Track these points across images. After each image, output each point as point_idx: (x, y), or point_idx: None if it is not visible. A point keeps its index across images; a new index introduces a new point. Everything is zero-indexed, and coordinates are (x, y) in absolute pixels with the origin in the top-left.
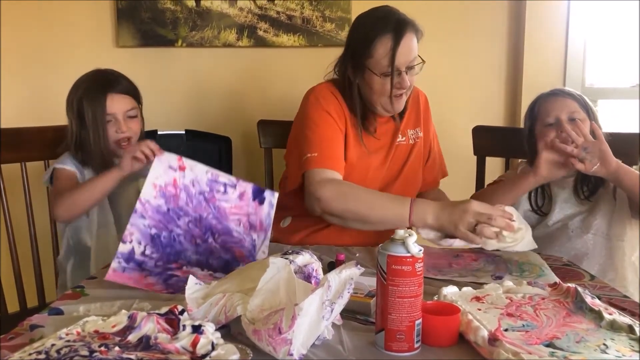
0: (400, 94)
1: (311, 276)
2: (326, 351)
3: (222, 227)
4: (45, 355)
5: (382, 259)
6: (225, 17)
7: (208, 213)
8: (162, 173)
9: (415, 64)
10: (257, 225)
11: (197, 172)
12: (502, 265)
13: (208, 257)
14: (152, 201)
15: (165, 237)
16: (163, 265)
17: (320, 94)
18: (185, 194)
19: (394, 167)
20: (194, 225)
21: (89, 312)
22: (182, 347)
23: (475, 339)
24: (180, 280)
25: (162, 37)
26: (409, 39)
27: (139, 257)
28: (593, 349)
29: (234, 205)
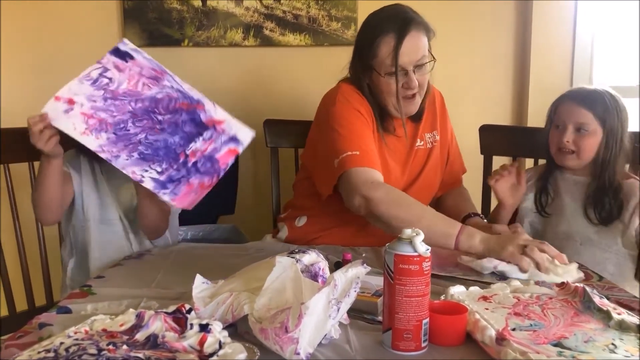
0: (411, 94)
1: (318, 275)
2: (333, 350)
3: (148, 101)
4: (54, 353)
5: (389, 258)
6: (231, 17)
7: (128, 103)
8: (69, 123)
9: (423, 62)
10: (155, 74)
11: (79, 89)
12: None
13: (180, 128)
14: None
15: (144, 149)
16: (177, 164)
17: (347, 92)
18: (102, 112)
19: (412, 172)
20: (139, 121)
21: (96, 311)
22: (189, 345)
23: (482, 338)
24: (203, 163)
25: (168, 37)
26: (415, 37)
27: (162, 177)
28: (601, 349)
29: (127, 80)
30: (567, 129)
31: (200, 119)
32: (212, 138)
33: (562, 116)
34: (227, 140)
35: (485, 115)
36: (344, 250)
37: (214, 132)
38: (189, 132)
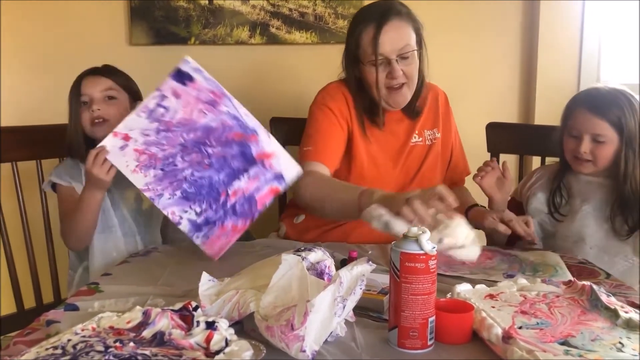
0: (396, 85)
1: (324, 273)
2: (339, 348)
3: (200, 130)
4: (62, 350)
5: (395, 256)
6: (237, 15)
7: (180, 134)
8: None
9: (407, 52)
10: (212, 98)
11: (135, 126)
12: (516, 265)
13: (227, 163)
14: (148, 181)
15: (188, 187)
16: (217, 204)
17: (326, 91)
18: (155, 147)
19: (410, 168)
20: (187, 154)
21: (103, 308)
22: (196, 343)
23: (489, 336)
24: (241, 204)
25: (175, 35)
26: (395, 26)
27: (199, 219)
28: (609, 348)
29: (182, 107)
30: (583, 139)
31: (250, 153)
32: (258, 176)
33: (578, 125)
34: (272, 178)
35: (492, 113)
36: (350, 248)
37: (261, 168)
38: (236, 169)
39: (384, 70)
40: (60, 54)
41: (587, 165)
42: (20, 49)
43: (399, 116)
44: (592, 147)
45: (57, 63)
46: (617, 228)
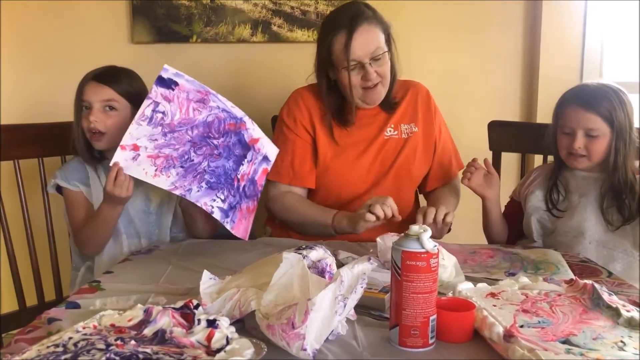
0: (372, 85)
1: (325, 271)
2: (340, 346)
3: (201, 126)
4: (63, 348)
5: (396, 255)
6: (239, 13)
7: (185, 132)
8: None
9: (379, 54)
10: (201, 97)
11: (139, 132)
12: (518, 263)
13: (232, 151)
14: (173, 180)
15: (210, 177)
16: (234, 189)
17: (290, 101)
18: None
19: (386, 160)
20: (199, 149)
21: (105, 306)
22: (197, 341)
23: (490, 335)
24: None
25: (177, 33)
26: (365, 31)
27: (225, 205)
28: (610, 346)
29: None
30: (577, 134)
31: (245, 140)
32: (253, 159)
33: (570, 122)
34: (262, 159)
35: (495, 112)
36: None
37: (254, 152)
38: (239, 155)
39: (358, 73)
40: (62, 52)
41: (581, 161)
42: (22, 46)
43: (374, 110)
44: (586, 142)
45: (59, 61)
46: (610, 219)
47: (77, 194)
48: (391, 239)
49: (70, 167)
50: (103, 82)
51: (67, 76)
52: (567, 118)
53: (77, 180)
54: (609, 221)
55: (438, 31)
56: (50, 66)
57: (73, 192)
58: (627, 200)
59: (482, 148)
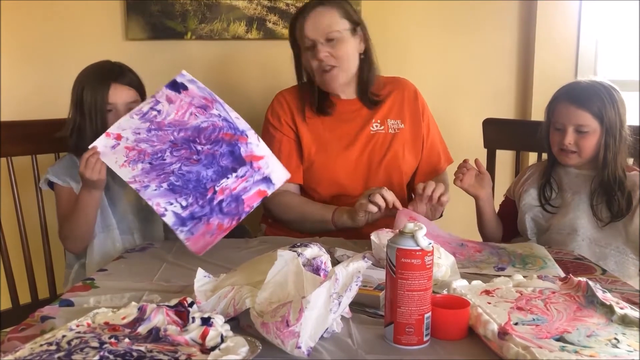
0: (327, 68)
1: (320, 269)
2: (335, 344)
3: (191, 130)
4: (56, 346)
5: (391, 252)
6: (234, 10)
7: (171, 133)
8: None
9: (331, 33)
10: (204, 103)
11: (127, 126)
12: (505, 258)
13: (217, 162)
14: (135, 172)
15: (175, 180)
16: (204, 201)
17: (274, 101)
18: (144, 143)
19: (374, 154)
20: (177, 150)
21: (99, 304)
22: (191, 339)
23: (484, 332)
24: (228, 202)
25: (171, 30)
26: (319, 12)
27: (185, 212)
28: (604, 344)
29: (175, 111)
30: (567, 131)
31: (239, 153)
32: (246, 176)
33: (561, 118)
34: (260, 180)
35: (489, 109)
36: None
37: (249, 169)
38: (224, 166)
39: (313, 54)
40: (56, 49)
41: (572, 157)
42: (16, 43)
43: (356, 105)
44: (576, 138)
45: (53, 58)
46: (600, 215)
47: (65, 189)
48: (386, 236)
49: (62, 164)
50: (125, 83)
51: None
52: (559, 114)
53: (67, 176)
54: (598, 217)
55: (434, 30)
56: (44, 63)
57: (62, 188)
58: (616, 197)
59: (476, 146)
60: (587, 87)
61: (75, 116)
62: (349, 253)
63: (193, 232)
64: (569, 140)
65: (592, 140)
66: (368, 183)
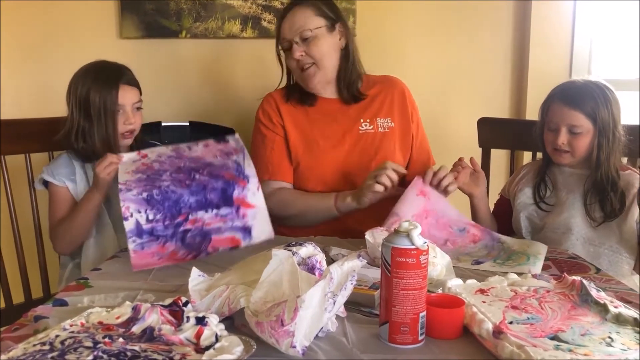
0: (305, 66)
1: (315, 268)
2: (330, 343)
3: (201, 163)
4: (50, 346)
5: (386, 251)
6: (229, 8)
7: (184, 162)
8: (128, 166)
9: (306, 33)
10: (231, 151)
11: (157, 150)
12: (494, 252)
13: (204, 193)
14: (130, 178)
15: (157, 193)
16: (171, 223)
17: (263, 102)
18: (157, 163)
19: (365, 153)
20: (177, 173)
21: (93, 304)
22: (186, 338)
23: (479, 331)
24: (194, 235)
25: (166, 29)
26: (295, 12)
27: (147, 225)
28: (598, 342)
29: (202, 151)
30: (560, 131)
31: (231, 194)
32: (226, 217)
33: (554, 118)
34: (239, 227)
35: (484, 109)
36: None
37: (233, 212)
38: (209, 200)
39: (291, 53)
40: (49, 47)
41: (565, 156)
42: (9, 42)
43: (340, 105)
44: (570, 139)
45: (47, 56)
46: (593, 215)
47: (61, 189)
48: (380, 235)
49: (57, 163)
50: (131, 83)
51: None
52: (552, 114)
53: (63, 175)
54: (591, 217)
55: (429, 30)
56: (38, 61)
57: (57, 187)
58: (609, 197)
59: (471, 145)
60: (580, 87)
61: (78, 119)
62: (343, 252)
63: (143, 247)
64: (562, 140)
65: (585, 141)
66: (357, 183)
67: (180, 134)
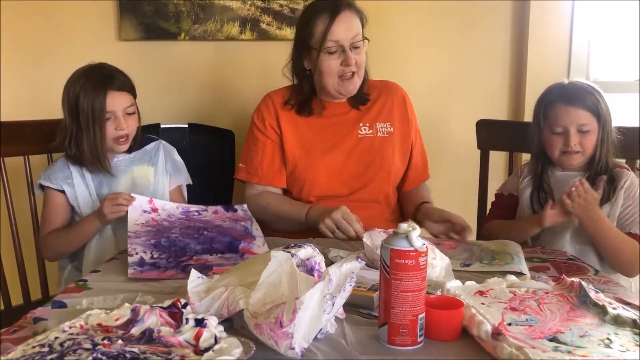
0: (349, 73)
1: (314, 269)
2: (329, 345)
3: (210, 224)
4: (49, 348)
5: (385, 253)
6: (228, 10)
7: (193, 223)
8: (138, 217)
9: (357, 41)
10: (239, 219)
11: (168, 209)
12: (477, 254)
13: (211, 243)
14: (140, 229)
15: (165, 241)
16: (175, 261)
17: (261, 103)
18: (167, 222)
19: (361, 160)
20: (186, 228)
21: (92, 306)
22: (185, 340)
23: (478, 333)
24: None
25: (164, 31)
26: (347, 16)
27: (150, 260)
28: (597, 344)
29: (211, 217)
30: (570, 132)
31: (237, 245)
32: (230, 259)
33: (561, 121)
34: None
35: (483, 110)
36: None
37: (237, 256)
38: (214, 248)
39: (338, 58)
40: (48, 49)
41: (576, 157)
42: (8, 43)
43: (344, 108)
44: (580, 139)
45: (45, 58)
46: None
47: (58, 195)
48: (378, 237)
49: (54, 167)
50: (120, 88)
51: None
52: (558, 117)
53: (60, 179)
54: None
55: (427, 31)
56: (36, 63)
57: (54, 193)
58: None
59: (470, 147)
60: (575, 86)
61: (71, 125)
62: (342, 254)
63: (143, 272)
64: (574, 141)
65: (592, 138)
66: (355, 187)
67: (179, 136)
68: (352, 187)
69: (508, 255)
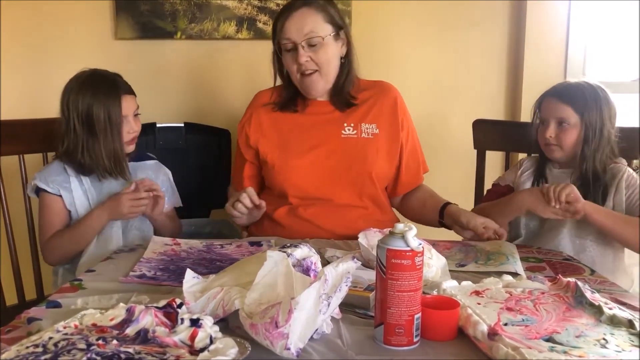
0: (307, 72)
1: (310, 269)
2: (325, 345)
3: (227, 258)
4: (43, 348)
5: (381, 253)
6: (224, 9)
7: (211, 255)
8: (158, 247)
9: (313, 38)
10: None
11: (191, 243)
12: (472, 255)
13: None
14: (154, 257)
15: (173, 267)
16: (174, 276)
17: (245, 113)
18: (184, 252)
19: (343, 161)
20: (200, 260)
21: (86, 305)
22: (180, 340)
23: (474, 333)
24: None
25: (161, 30)
26: (303, 13)
27: (150, 275)
28: (593, 344)
29: (233, 250)
30: (550, 123)
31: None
32: None
33: (545, 112)
34: None
35: (479, 110)
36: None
37: None
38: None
39: (292, 55)
40: (45, 49)
41: (554, 149)
42: (4, 43)
43: (328, 108)
44: (558, 132)
45: (41, 57)
46: None
47: (55, 199)
48: (373, 236)
49: (50, 170)
50: (130, 92)
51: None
52: (544, 109)
53: (57, 183)
54: None
55: (424, 31)
56: (32, 62)
57: (51, 197)
58: (591, 192)
59: (466, 147)
60: (573, 84)
61: (82, 135)
62: (338, 254)
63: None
64: (550, 133)
65: (572, 135)
66: (336, 187)
67: (175, 136)
68: (333, 188)
69: (503, 256)
